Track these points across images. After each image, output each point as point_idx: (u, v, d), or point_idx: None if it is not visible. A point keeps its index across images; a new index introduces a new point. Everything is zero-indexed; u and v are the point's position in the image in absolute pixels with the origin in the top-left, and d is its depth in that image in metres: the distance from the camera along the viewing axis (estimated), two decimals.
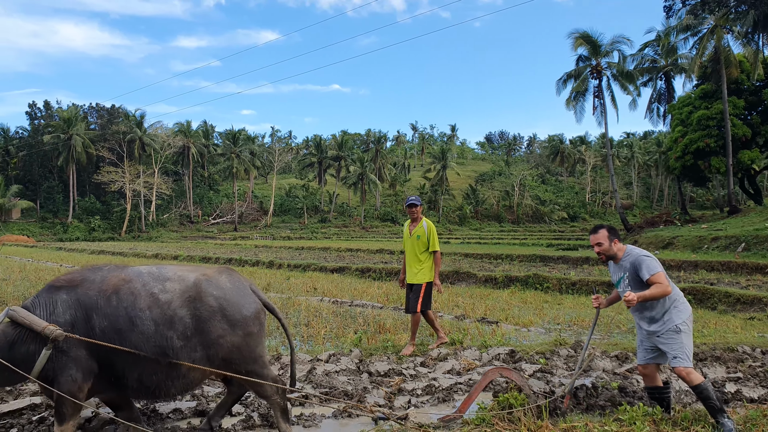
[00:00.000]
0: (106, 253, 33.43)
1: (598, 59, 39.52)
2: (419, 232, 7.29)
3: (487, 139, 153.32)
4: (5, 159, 79.03)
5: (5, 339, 3.74)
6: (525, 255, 23.19)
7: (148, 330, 3.89)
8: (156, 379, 3.96)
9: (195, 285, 4.08)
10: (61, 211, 74.44)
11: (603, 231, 4.79)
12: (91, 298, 3.91)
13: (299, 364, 6.17)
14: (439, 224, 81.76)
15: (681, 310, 4.57)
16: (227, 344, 4.04)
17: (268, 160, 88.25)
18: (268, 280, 16.01)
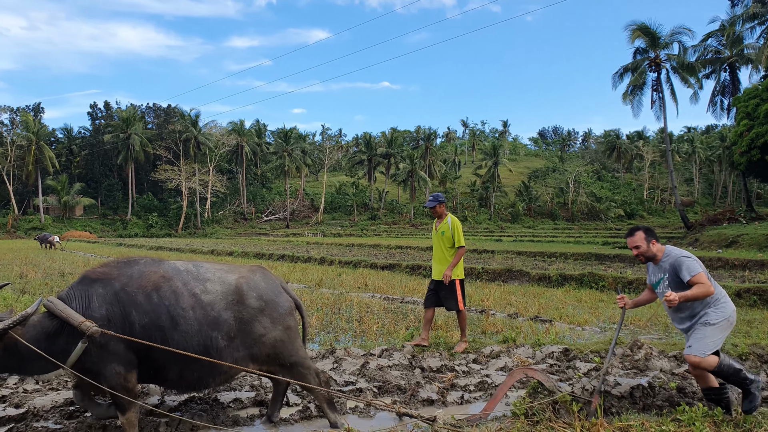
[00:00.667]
0: (164, 249, 34.61)
1: (657, 51, 38.24)
2: (444, 228, 7.26)
3: (541, 135, 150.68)
4: (69, 158, 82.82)
5: (42, 330, 3.86)
6: (580, 253, 22.72)
7: (191, 329, 4.01)
8: (197, 375, 4.10)
9: (237, 288, 4.23)
10: (120, 208, 77.49)
11: (639, 233, 4.70)
12: (129, 294, 3.99)
13: (353, 358, 6.28)
14: (490, 221, 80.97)
15: (721, 309, 4.44)
16: (270, 341, 4.22)
17: (319, 158, 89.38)
18: (320, 276, 16.24)
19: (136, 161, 74.56)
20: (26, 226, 68.13)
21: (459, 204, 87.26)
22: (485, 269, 16.75)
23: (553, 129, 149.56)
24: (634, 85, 39.43)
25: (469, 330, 8.46)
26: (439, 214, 7.38)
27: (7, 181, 72.26)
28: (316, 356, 6.40)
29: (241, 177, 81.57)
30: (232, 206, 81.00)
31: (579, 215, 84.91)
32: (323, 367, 5.97)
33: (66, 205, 73.28)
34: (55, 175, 75.04)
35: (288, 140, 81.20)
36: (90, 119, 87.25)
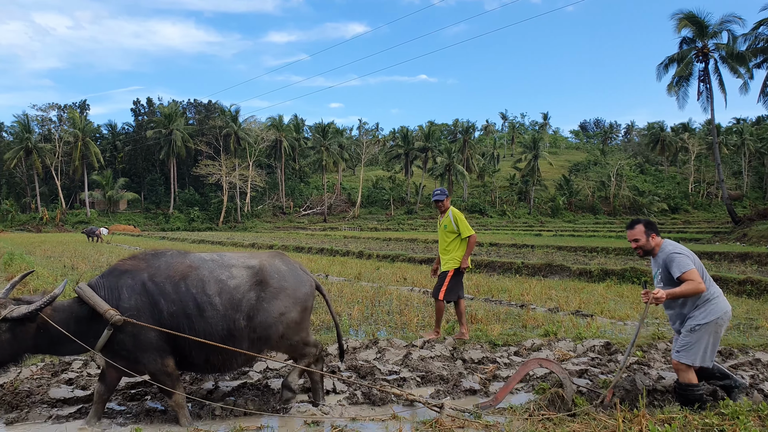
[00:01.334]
0: (206, 242, 35.44)
1: (705, 41, 37.13)
2: (446, 221, 7.40)
3: (582, 128, 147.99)
4: (113, 154, 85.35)
5: (71, 314, 4.12)
6: (621, 248, 22.36)
7: (216, 315, 4.22)
8: (222, 357, 4.31)
9: (260, 269, 4.46)
10: (163, 203, 79.52)
11: (639, 226, 4.73)
12: (158, 285, 4.19)
13: (395, 349, 6.41)
14: (530, 216, 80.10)
15: (709, 311, 4.41)
16: (286, 320, 4.45)
17: (356, 153, 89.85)
18: (359, 270, 16.43)
19: (177, 156, 76.33)
20: (73, 219, 70.60)
21: (498, 198, 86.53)
22: (525, 264, 16.68)
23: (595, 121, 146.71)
24: (680, 76, 38.39)
25: (510, 323, 8.52)
26: (445, 208, 7.49)
27: (55, 177, 74.97)
28: (360, 346, 6.56)
29: (279, 172, 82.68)
30: (271, 200, 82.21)
31: (621, 209, 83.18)
32: (367, 357, 6.13)
33: (110, 199, 75.65)
34: (100, 170, 77.48)
35: (326, 135, 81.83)
36: (133, 115, 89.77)
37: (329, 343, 6.74)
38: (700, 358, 4.39)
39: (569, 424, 4.09)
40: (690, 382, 4.46)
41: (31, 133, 73.04)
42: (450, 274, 7.27)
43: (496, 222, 73.20)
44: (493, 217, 78.74)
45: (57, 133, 77.80)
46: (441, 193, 7.43)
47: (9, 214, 69.86)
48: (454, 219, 7.31)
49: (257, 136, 79.67)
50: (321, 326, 8.24)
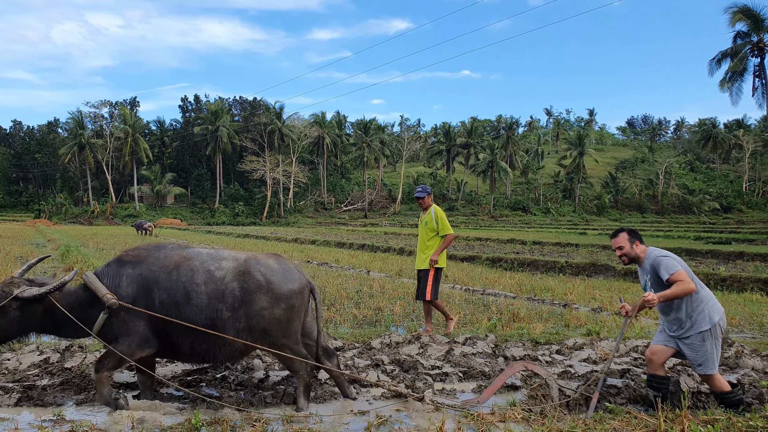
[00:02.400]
0: (250, 237, 36.17)
1: (761, 35, 35.82)
2: (428, 218, 7.48)
3: (629, 124, 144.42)
4: (161, 149, 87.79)
5: (76, 299, 4.42)
6: (669, 248, 21.80)
7: (201, 303, 4.38)
8: (205, 347, 4.45)
9: (245, 261, 4.56)
10: (209, 197, 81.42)
11: (623, 234, 4.77)
12: (153, 273, 4.44)
13: (438, 345, 6.54)
14: (575, 214, 78.78)
15: (710, 313, 4.43)
16: (269, 316, 4.46)
17: (397, 149, 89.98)
18: (400, 266, 16.57)
19: (223, 152, 78.00)
20: (122, 213, 72.99)
21: (542, 195, 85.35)
22: (569, 263, 16.53)
23: (643, 118, 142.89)
24: (733, 72, 37.18)
25: (552, 322, 8.53)
26: (427, 205, 7.55)
27: (106, 171, 77.66)
28: (403, 341, 6.71)
29: (321, 168, 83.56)
30: (313, 196, 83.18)
31: (669, 208, 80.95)
32: (409, 352, 6.28)
33: (158, 193, 77.88)
34: (149, 165, 79.82)
35: (367, 131, 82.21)
36: (181, 112, 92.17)
37: (372, 336, 6.92)
38: (715, 364, 4.46)
39: (609, 422, 4.15)
40: (723, 389, 4.48)
41: (84, 129, 75.79)
42: (432, 272, 7.36)
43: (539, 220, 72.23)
44: (536, 215, 77.74)
45: (108, 129, 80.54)
46: (422, 191, 7.51)
47: (63, 207, 72.79)
48: (436, 217, 7.40)
49: (300, 132, 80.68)
50: (363, 320, 8.43)
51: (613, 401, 4.81)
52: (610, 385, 5.05)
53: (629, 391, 4.94)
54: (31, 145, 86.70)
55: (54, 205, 73.01)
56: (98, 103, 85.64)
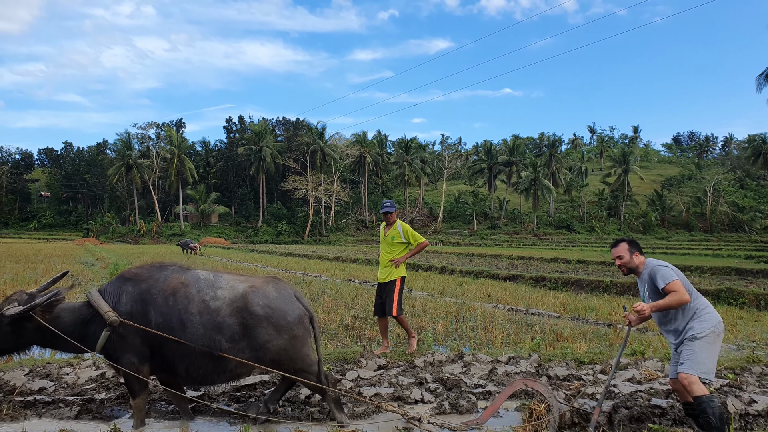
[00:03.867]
0: (293, 255, 36.68)
1: None
2: (394, 233, 7.51)
3: (675, 141, 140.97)
4: (206, 169, 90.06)
5: (80, 316, 4.52)
6: (718, 267, 21.27)
7: (197, 332, 4.41)
8: (202, 372, 4.51)
9: (243, 296, 4.54)
10: (252, 216, 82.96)
11: (623, 244, 4.79)
12: (151, 295, 4.50)
13: (481, 364, 6.59)
14: (620, 232, 77.11)
15: (705, 320, 4.41)
16: (274, 347, 4.48)
17: (438, 167, 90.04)
18: (442, 285, 16.59)
19: (267, 172, 79.55)
20: (168, 232, 74.94)
21: (586, 213, 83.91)
22: (614, 282, 16.26)
23: (689, 134, 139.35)
24: None
25: (596, 342, 8.45)
26: (392, 220, 7.61)
27: (152, 191, 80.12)
28: (446, 360, 6.79)
29: (363, 186, 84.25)
30: (354, 215, 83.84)
31: (718, 226, 78.38)
32: (452, 370, 6.35)
33: (203, 213, 79.82)
34: (194, 185, 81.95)
35: (408, 150, 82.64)
36: (225, 132, 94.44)
37: (415, 355, 7.02)
38: (705, 369, 4.33)
39: None
40: (702, 394, 4.29)
41: (132, 150, 78.44)
42: (398, 285, 7.38)
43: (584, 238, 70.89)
44: (581, 233, 76.39)
45: (155, 150, 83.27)
46: (391, 206, 7.54)
47: (110, 227, 75.24)
48: (404, 231, 7.47)
49: (342, 152, 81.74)
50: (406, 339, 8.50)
51: (658, 422, 4.77)
52: (654, 405, 5.01)
53: (674, 412, 4.90)
54: (81, 166, 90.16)
55: (102, 225, 75.53)
56: (145, 124, 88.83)
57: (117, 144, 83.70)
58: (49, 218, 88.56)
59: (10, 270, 18.88)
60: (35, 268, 20.17)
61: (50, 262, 24.23)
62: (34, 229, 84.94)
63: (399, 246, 7.50)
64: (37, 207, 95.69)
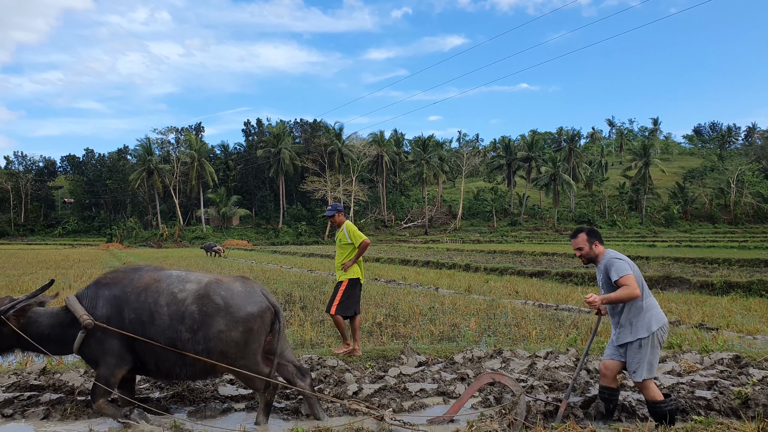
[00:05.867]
0: (315, 256, 36.85)
1: None
2: (340, 235, 7.56)
3: (696, 132, 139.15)
4: (226, 173, 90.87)
5: (58, 320, 4.77)
6: (746, 259, 21.03)
7: (163, 323, 4.59)
8: (168, 365, 4.67)
9: (206, 285, 4.71)
10: (272, 218, 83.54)
11: (582, 235, 4.84)
12: (125, 294, 4.70)
13: (519, 359, 6.69)
14: (642, 226, 76.41)
15: (649, 322, 4.49)
16: (226, 338, 4.56)
17: (456, 164, 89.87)
18: (468, 283, 16.64)
19: (286, 174, 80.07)
20: (190, 235, 75.74)
21: (607, 208, 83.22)
22: None
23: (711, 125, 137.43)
24: None
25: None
26: (339, 222, 7.62)
27: (173, 195, 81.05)
28: (484, 356, 6.88)
29: (381, 186, 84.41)
30: (373, 214, 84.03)
31: (743, 218, 77.27)
32: (492, 366, 6.44)
33: (224, 215, 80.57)
34: (215, 188, 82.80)
35: (426, 148, 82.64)
36: (244, 135, 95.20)
37: (454, 351, 7.13)
38: (647, 371, 4.52)
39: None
40: (656, 398, 4.53)
41: (152, 155, 79.41)
42: (343, 286, 7.28)
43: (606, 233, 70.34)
44: (602, 228, 75.79)
45: (175, 155, 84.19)
46: (332, 209, 7.59)
47: (133, 231, 76.27)
48: (349, 232, 7.47)
49: (359, 152, 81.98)
50: (440, 336, 8.62)
51: (704, 413, 4.83)
52: (698, 396, 5.07)
53: (719, 403, 4.95)
54: (103, 172, 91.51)
55: (125, 229, 76.58)
56: (165, 129, 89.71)
57: (138, 149, 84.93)
58: (73, 224, 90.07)
59: (43, 275, 19.33)
60: (66, 273, 20.61)
61: (79, 267, 24.72)
62: (59, 235, 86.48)
63: (347, 247, 7.50)
64: (61, 213, 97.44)
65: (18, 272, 20.36)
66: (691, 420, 4.67)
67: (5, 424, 4.83)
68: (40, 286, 5.02)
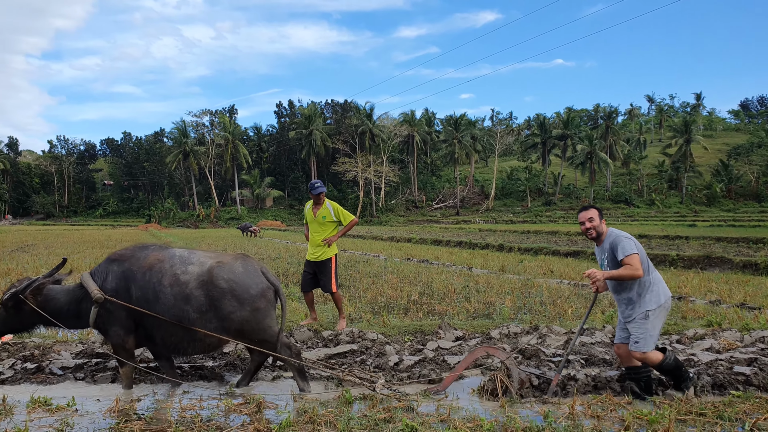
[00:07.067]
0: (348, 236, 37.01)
1: None
2: (324, 213, 7.70)
3: (743, 107, 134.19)
4: (259, 154, 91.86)
5: (74, 296, 5.06)
6: None
7: (168, 302, 4.84)
8: (174, 340, 4.94)
9: (209, 271, 4.90)
10: (305, 199, 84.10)
11: (593, 209, 4.90)
12: (132, 272, 4.96)
13: (555, 335, 6.76)
14: (682, 205, 74.73)
15: (656, 295, 4.59)
16: (237, 318, 4.83)
17: (489, 143, 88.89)
18: (502, 263, 16.63)
19: (317, 155, 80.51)
20: (226, 216, 77.15)
21: (645, 187, 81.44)
22: (680, 256, 15.99)
23: (759, 99, 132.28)
24: None
25: (669, 314, 8.44)
26: (321, 201, 7.79)
27: (209, 177, 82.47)
28: (520, 332, 6.97)
29: (412, 166, 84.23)
30: (404, 195, 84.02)
31: None
32: (529, 342, 6.54)
33: (258, 197, 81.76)
34: (248, 170, 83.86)
35: (458, 127, 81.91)
36: (276, 117, 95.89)
37: (490, 327, 7.24)
38: (652, 343, 4.64)
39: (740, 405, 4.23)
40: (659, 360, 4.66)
41: (188, 138, 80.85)
42: (333, 261, 7.69)
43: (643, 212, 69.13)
44: (640, 207, 74.37)
45: (210, 137, 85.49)
46: (321, 186, 7.78)
47: (171, 212, 78.11)
48: (334, 210, 7.70)
49: (390, 132, 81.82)
50: (476, 313, 8.73)
51: (742, 388, 4.85)
52: (737, 372, 5.08)
53: (759, 379, 4.95)
54: (140, 155, 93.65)
55: (162, 210, 78.44)
56: (199, 112, 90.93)
57: (173, 132, 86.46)
58: (113, 206, 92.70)
59: (90, 255, 20.02)
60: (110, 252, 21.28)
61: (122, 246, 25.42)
62: (100, 216, 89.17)
63: (330, 225, 7.73)
64: (101, 195, 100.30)
65: (66, 251, 21.13)
66: (728, 394, 4.70)
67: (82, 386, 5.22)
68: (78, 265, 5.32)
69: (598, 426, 3.86)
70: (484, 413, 4.22)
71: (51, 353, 6.11)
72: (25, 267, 14.33)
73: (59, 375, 5.41)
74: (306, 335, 6.87)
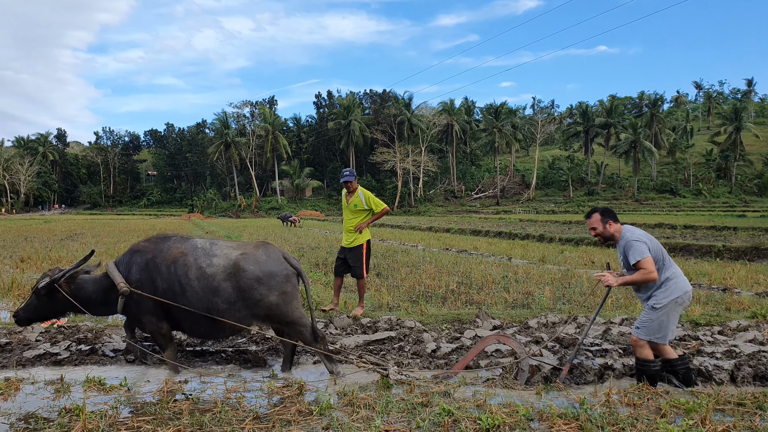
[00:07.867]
0: (386, 226, 37.40)
1: None
2: (356, 200, 7.84)
3: None
4: (299, 145, 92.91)
5: (101, 285, 5.24)
6: None
7: (195, 295, 5.01)
8: (204, 329, 5.13)
9: (234, 263, 5.05)
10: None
11: (596, 215, 4.86)
12: (157, 264, 5.10)
13: (594, 325, 6.75)
14: (731, 195, 72.38)
15: (669, 291, 4.54)
16: (266, 304, 5.03)
17: (530, 132, 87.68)
18: (542, 253, 16.51)
19: (356, 145, 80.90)
20: (266, 206, 78.38)
21: (692, 176, 79.10)
22: (726, 247, 15.58)
23: None
24: None
25: (712, 306, 8.31)
26: (354, 188, 7.88)
27: (250, 167, 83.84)
28: (559, 321, 6.98)
29: (450, 156, 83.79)
30: (443, 185, 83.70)
31: None
32: (566, 331, 6.55)
33: (298, 187, 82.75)
34: (288, 160, 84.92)
35: (498, 116, 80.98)
36: (315, 108, 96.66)
37: (528, 317, 7.27)
38: (660, 334, 4.60)
39: None
40: (646, 357, 4.65)
41: (229, 129, 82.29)
42: (365, 248, 7.85)
43: (690, 203, 67.19)
44: (686, 197, 72.32)
45: (250, 128, 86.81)
46: (350, 174, 7.85)
47: (213, 202, 79.82)
48: (366, 198, 7.81)
49: (429, 121, 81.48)
50: (514, 303, 8.75)
51: None
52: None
53: None
54: (183, 146, 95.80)
55: (205, 200, 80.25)
56: (240, 103, 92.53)
57: (215, 123, 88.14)
58: (156, 195, 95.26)
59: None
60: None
61: None
62: (144, 206, 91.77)
63: (362, 213, 7.90)
64: (145, 185, 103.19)
65: (113, 240, 21.88)
66: None
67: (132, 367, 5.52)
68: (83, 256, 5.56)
69: (634, 414, 3.88)
70: (519, 399, 4.29)
71: (103, 336, 6.42)
72: (75, 255, 14.89)
73: (111, 357, 5.72)
74: (345, 322, 7.03)
